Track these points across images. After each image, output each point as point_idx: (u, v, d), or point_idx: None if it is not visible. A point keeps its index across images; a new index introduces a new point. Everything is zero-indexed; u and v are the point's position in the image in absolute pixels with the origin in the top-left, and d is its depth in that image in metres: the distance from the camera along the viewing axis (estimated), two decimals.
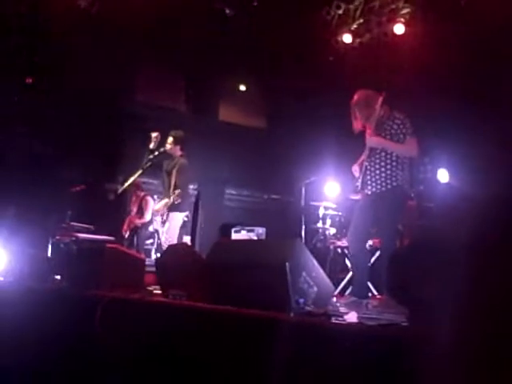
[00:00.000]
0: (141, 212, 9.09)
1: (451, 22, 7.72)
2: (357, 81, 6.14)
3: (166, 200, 7.44)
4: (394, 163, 5.04)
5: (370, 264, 5.59)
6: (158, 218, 7.48)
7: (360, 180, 5.11)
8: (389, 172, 5.02)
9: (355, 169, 5.26)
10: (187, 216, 7.68)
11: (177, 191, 7.24)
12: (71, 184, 9.06)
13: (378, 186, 5.04)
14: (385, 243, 5.00)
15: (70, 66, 9.41)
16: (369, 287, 5.52)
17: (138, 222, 8.98)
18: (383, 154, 5.06)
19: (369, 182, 5.09)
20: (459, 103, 7.89)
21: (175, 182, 7.44)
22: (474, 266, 2.11)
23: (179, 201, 7.25)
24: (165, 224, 7.45)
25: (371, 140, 5.08)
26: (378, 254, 6.68)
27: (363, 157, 5.19)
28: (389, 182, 5.01)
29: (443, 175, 8.42)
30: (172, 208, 7.37)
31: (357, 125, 5.23)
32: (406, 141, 5.02)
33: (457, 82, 7.95)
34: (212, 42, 9.83)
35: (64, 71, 9.46)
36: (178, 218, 7.48)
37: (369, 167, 5.10)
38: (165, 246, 7.03)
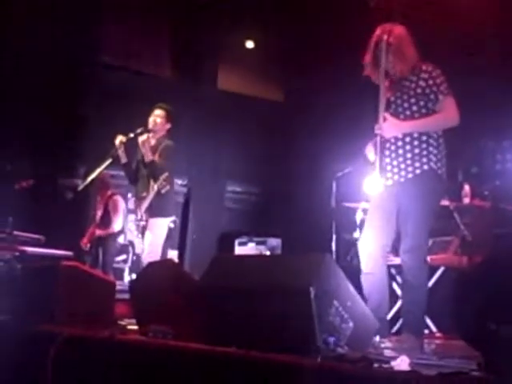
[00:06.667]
0: (107, 217, 9.07)
1: None
2: None
3: (153, 192, 7.28)
4: (425, 137, 4.87)
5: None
6: (132, 226, 7.41)
7: (377, 165, 4.93)
8: (417, 151, 4.82)
9: (369, 149, 5.13)
10: (174, 222, 7.63)
11: (163, 175, 7.11)
12: (14, 179, 9.06)
13: (403, 173, 4.84)
14: (410, 246, 4.88)
15: (11, 17, 9.43)
16: (423, 321, 5.51)
17: (103, 231, 8.96)
18: None
19: (389, 168, 4.95)
20: None
21: (158, 167, 7.29)
22: None
23: (167, 188, 7.15)
24: (144, 233, 7.38)
25: (388, 129, 4.91)
26: (438, 274, 6.67)
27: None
28: (417, 165, 4.80)
29: None
30: (153, 212, 7.30)
31: (375, 73, 5.10)
32: (438, 103, 4.88)
33: None
34: None
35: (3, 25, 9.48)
36: (162, 225, 7.42)
37: (388, 146, 4.97)
38: (144, 264, 7.01)
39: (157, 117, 7.49)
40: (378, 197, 5.00)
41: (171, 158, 7.40)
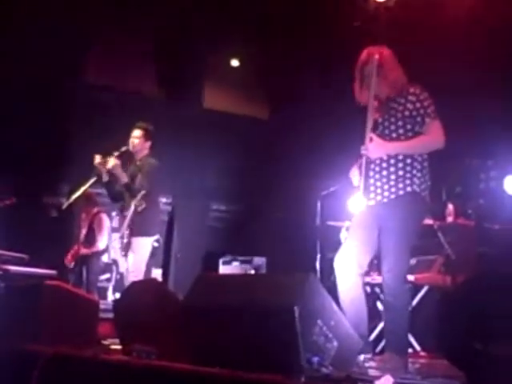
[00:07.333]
0: (92, 235, 9.04)
1: None
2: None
3: (131, 210, 7.27)
4: (409, 160, 4.89)
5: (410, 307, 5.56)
6: (116, 244, 7.39)
7: (361, 186, 4.91)
8: (401, 173, 4.84)
9: (353, 173, 5.12)
10: (158, 241, 7.62)
11: (140, 193, 7.08)
12: None
13: (386, 193, 4.84)
14: (391, 266, 4.87)
15: None
16: (407, 340, 5.51)
17: (88, 250, 8.92)
18: None
19: (372, 188, 4.95)
20: None
21: (139, 186, 7.28)
22: None
23: (143, 206, 7.14)
24: (127, 252, 7.36)
25: (374, 150, 4.91)
26: (422, 293, 6.69)
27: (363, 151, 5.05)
28: (401, 186, 4.81)
29: None
30: (136, 230, 7.29)
31: (363, 96, 5.10)
32: (425, 126, 4.89)
33: None
34: (192, 2, 9.86)
35: None
36: (145, 244, 7.40)
37: (373, 167, 4.97)
38: (127, 284, 6.99)
39: (134, 138, 7.47)
40: (360, 216, 5.01)
41: (154, 177, 7.38)
